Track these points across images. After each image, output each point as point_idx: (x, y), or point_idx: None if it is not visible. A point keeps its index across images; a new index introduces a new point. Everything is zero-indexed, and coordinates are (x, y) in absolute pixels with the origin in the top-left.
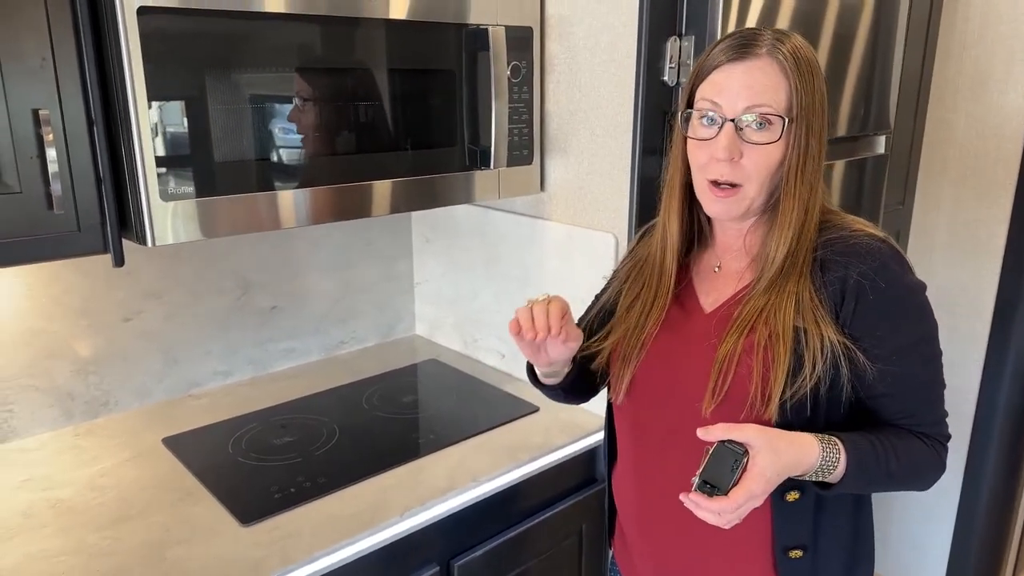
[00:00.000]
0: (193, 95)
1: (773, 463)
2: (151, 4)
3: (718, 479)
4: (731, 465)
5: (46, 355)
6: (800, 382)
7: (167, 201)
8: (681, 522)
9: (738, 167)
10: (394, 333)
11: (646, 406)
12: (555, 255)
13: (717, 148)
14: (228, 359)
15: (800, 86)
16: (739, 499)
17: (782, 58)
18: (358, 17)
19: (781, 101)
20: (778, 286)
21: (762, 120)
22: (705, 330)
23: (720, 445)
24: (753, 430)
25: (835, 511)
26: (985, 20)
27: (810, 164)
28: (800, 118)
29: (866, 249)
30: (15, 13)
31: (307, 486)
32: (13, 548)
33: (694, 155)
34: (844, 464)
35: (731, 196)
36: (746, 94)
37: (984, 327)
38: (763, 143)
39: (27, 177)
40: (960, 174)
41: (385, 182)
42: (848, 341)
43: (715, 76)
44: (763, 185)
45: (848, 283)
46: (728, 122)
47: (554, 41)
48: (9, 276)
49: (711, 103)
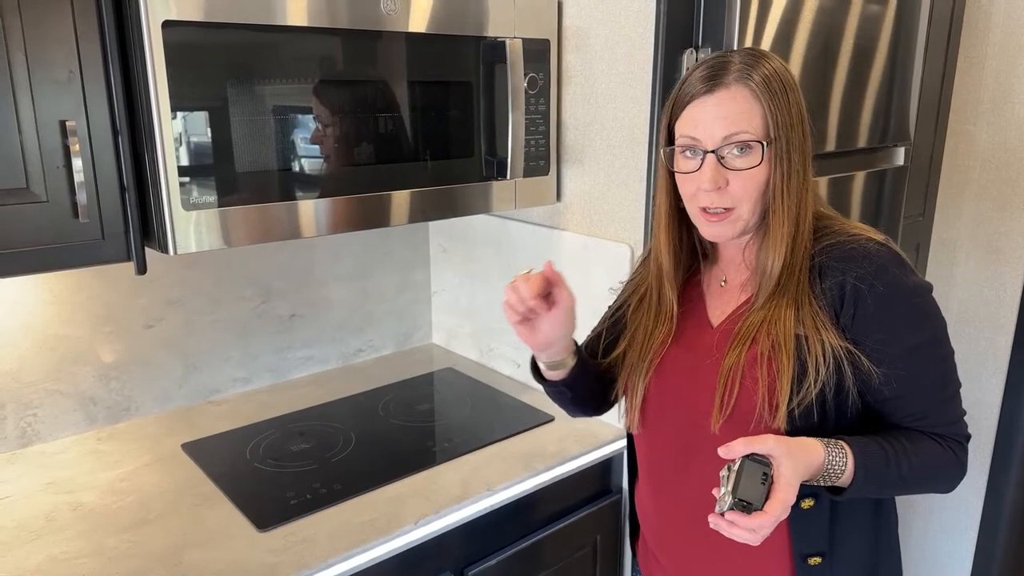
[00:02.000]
0: (216, 106)
1: (795, 470)
2: (175, 17)
3: (752, 495)
4: (761, 479)
5: (70, 360)
6: (805, 389)
7: (189, 210)
8: (699, 535)
9: (726, 193)
10: (411, 342)
11: (660, 422)
12: (571, 265)
13: (703, 180)
14: (247, 366)
15: (774, 107)
16: (776, 512)
17: (753, 84)
18: (378, 30)
19: (757, 126)
20: (777, 297)
21: (742, 146)
22: (713, 344)
23: (746, 460)
24: (772, 440)
25: (851, 515)
26: (1006, 33)
27: (795, 179)
28: (779, 137)
29: (863, 253)
30: (45, 28)
31: (323, 493)
32: (36, 550)
33: (682, 187)
34: (852, 468)
35: (725, 219)
36: (721, 124)
37: (1006, 340)
38: (746, 168)
39: (53, 186)
40: (981, 186)
41: (403, 192)
42: (851, 346)
43: (690, 111)
44: (755, 204)
45: (846, 288)
46: (709, 154)
47: (571, 53)
48: (35, 283)
49: (690, 138)
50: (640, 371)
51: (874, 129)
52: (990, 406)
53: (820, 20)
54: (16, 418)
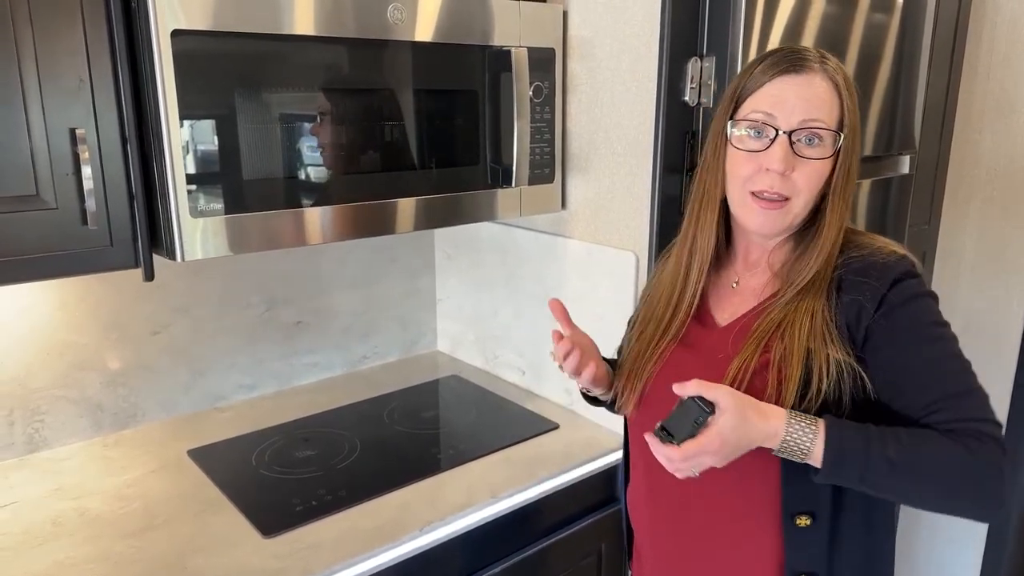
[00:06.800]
0: (223, 114)
1: (736, 427)
2: (184, 27)
3: (676, 429)
4: (694, 419)
5: (77, 367)
6: (808, 399)
7: (197, 217)
8: (693, 537)
9: (788, 180)
10: (416, 349)
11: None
12: (576, 273)
13: (771, 160)
14: (253, 373)
15: (850, 104)
16: (688, 451)
17: (837, 78)
18: (385, 39)
19: (834, 117)
20: (797, 301)
21: (812, 135)
22: (720, 343)
23: (690, 400)
24: (724, 391)
25: (848, 537)
26: (1011, 41)
27: (851, 183)
28: (848, 136)
29: (881, 267)
30: (56, 37)
31: (328, 499)
32: (43, 555)
33: (739, 167)
34: (822, 443)
35: (777, 209)
36: (803, 107)
37: (1012, 349)
38: (815, 158)
39: (63, 194)
40: (987, 195)
41: (409, 199)
42: (854, 361)
43: (770, 87)
44: (809, 201)
45: (862, 304)
46: (783, 134)
47: (576, 62)
48: (43, 289)
49: (765, 114)
50: (646, 361)
51: (879, 137)
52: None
53: (825, 29)
54: (23, 424)
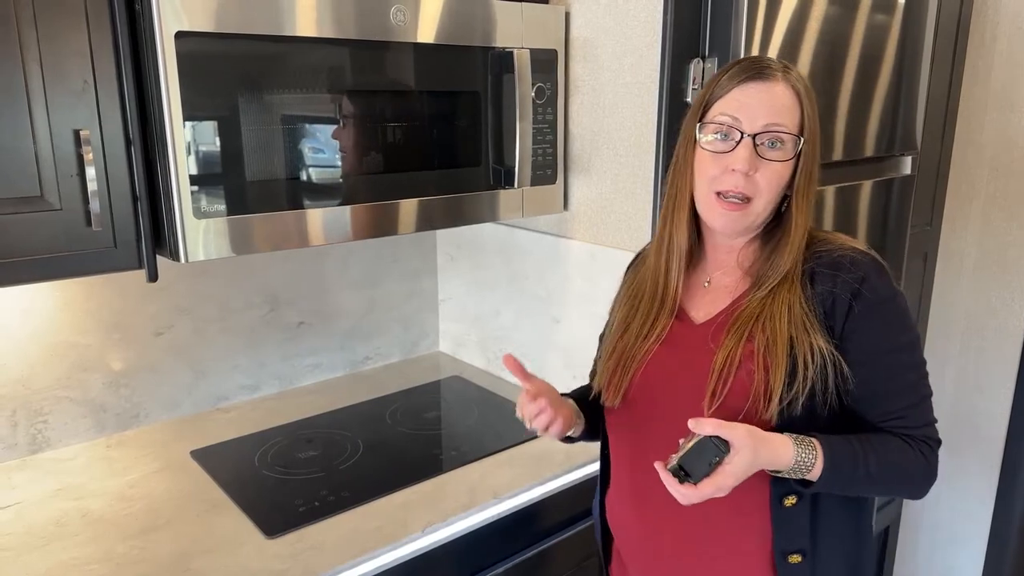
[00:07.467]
0: (226, 116)
1: (749, 464)
2: (188, 28)
3: (693, 469)
4: (710, 460)
5: (80, 368)
6: (796, 387)
7: (200, 219)
8: (681, 533)
9: (751, 181)
10: (418, 350)
11: (644, 419)
12: (577, 273)
13: (736, 160)
14: (255, 374)
15: (810, 111)
16: (706, 492)
17: (799, 86)
18: (387, 41)
19: (795, 123)
20: (772, 294)
21: (774, 139)
22: (699, 340)
23: (707, 439)
24: (743, 432)
25: (831, 513)
26: (1012, 41)
27: (812, 185)
28: (808, 140)
29: (851, 262)
30: (60, 39)
31: (331, 500)
32: (46, 555)
33: (706, 167)
34: (821, 463)
35: (739, 210)
36: (766, 111)
37: (1014, 349)
38: (777, 160)
39: (67, 195)
40: (989, 195)
41: (412, 200)
42: (834, 349)
43: (736, 93)
44: (770, 202)
45: (836, 294)
46: (748, 137)
47: (578, 63)
48: (47, 290)
49: (731, 118)
50: (632, 359)
51: (881, 138)
52: (998, 416)
53: (827, 29)
54: (26, 425)
